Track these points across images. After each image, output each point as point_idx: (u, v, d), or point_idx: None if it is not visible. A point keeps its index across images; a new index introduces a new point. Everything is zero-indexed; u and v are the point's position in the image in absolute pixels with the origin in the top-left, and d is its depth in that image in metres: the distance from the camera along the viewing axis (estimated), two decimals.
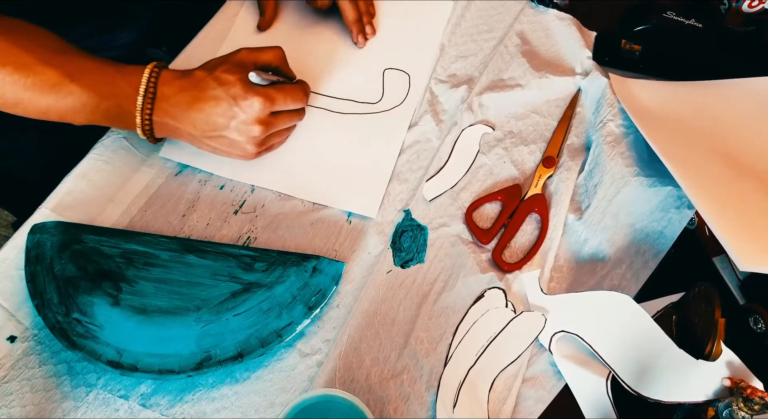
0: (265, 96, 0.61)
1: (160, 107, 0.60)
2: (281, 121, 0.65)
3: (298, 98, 0.65)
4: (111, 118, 0.60)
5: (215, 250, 0.62)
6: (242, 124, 0.61)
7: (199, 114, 0.60)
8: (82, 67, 0.58)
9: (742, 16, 0.77)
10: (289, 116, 0.66)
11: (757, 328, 0.60)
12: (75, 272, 0.59)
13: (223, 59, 0.63)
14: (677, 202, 0.65)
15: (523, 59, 0.76)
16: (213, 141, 0.62)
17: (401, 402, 0.58)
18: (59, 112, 0.58)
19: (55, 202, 0.65)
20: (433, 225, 0.66)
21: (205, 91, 0.60)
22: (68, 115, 0.59)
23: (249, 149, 0.63)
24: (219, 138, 0.62)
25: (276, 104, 0.62)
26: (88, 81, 0.58)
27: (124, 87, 0.59)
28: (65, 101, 0.57)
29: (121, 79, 0.59)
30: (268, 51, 0.65)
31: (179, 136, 0.63)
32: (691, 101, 0.72)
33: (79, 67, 0.58)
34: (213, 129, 0.61)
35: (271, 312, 0.59)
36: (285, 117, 0.65)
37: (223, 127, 0.61)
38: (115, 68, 0.59)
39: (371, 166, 0.70)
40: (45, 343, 0.58)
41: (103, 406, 0.56)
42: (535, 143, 0.72)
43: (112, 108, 0.59)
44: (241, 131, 0.61)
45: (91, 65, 0.59)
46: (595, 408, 0.57)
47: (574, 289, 0.63)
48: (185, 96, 0.60)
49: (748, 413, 0.50)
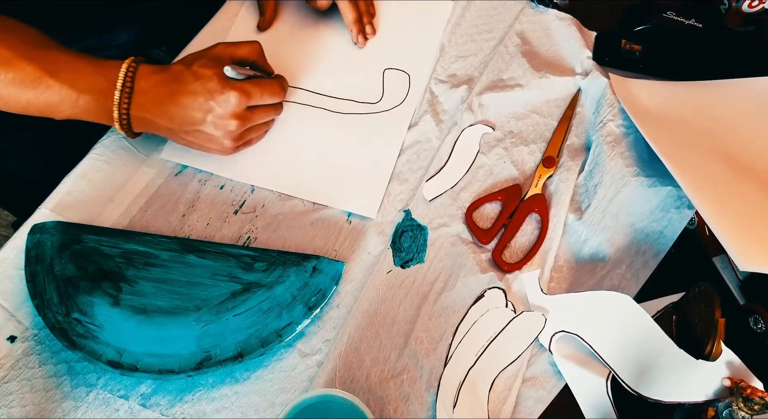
0: (241, 90, 0.61)
1: (137, 101, 0.60)
2: (258, 115, 0.65)
3: (275, 93, 0.65)
4: (90, 112, 0.60)
5: (215, 250, 0.62)
6: (219, 118, 0.61)
7: (176, 108, 0.60)
8: (61, 62, 0.58)
9: (742, 16, 0.77)
10: (266, 111, 0.66)
11: (757, 328, 0.60)
12: (75, 272, 0.59)
13: (201, 54, 0.63)
14: (677, 202, 0.65)
15: (523, 59, 0.76)
16: (190, 135, 0.63)
17: (401, 402, 0.58)
18: (39, 107, 0.59)
19: (55, 202, 0.65)
20: (433, 225, 0.66)
21: (182, 85, 0.60)
22: (48, 110, 0.59)
23: (226, 144, 0.64)
24: (196, 132, 0.62)
25: (252, 98, 0.62)
26: (67, 76, 0.58)
27: (102, 81, 0.59)
28: (44, 96, 0.58)
29: (99, 73, 0.59)
30: (245, 45, 0.66)
31: (157, 130, 0.63)
32: (691, 101, 0.72)
33: (58, 62, 0.58)
34: (190, 123, 0.61)
35: (271, 312, 0.59)
36: (262, 111, 0.65)
37: (199, 121, 0.61)
38: (94, 63, 0.60)
39: (371, 166, 0.70)
40: (45, 343, 0.58)
41: (103, 406, 0.56)
42: (535, 143, 0.72)
43: (90, 102, 0.59)
44: (218, 125, 0.62)
45: (70, 60, 0.59)
46: (595, 408, 0.57)
47: (574, 289, 0.63)
48: (162, 90, 0.60)
49: (748, 413, 0.50)
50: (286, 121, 0.72)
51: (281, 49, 0.77)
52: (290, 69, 0.75)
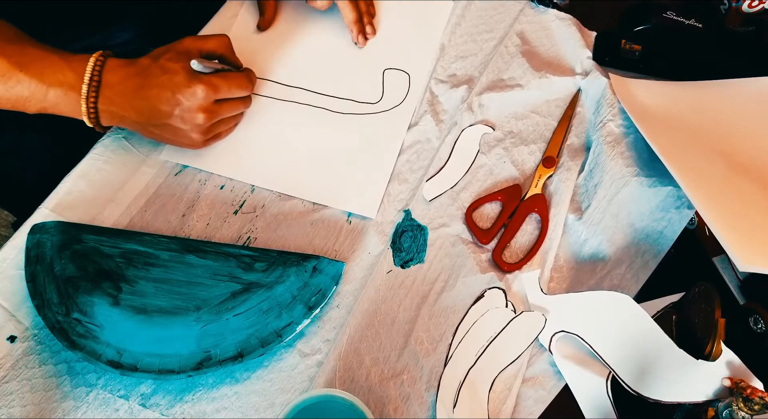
0: (208, 84, 0.61)
1: (104, 95, 0.60)
2: (226, 109, 0.65)
3: (243, 86, 0.65)
4: (58, 105, 0.60)
5: (215, 250, 0.62)
6: (186, 112, 0.61)
7: (143, 102, 0.60)
8: (31, 56, 0.59)
9: (742, 16, 0.77)
10: (234, 104, 0.66)
11: (757, 328, 0.59)
12: (75, 272, 0.59)
13: (169, 47, 0.63)
14: (677, 202, 0.65)
15: (523, 59, 0.76)
16: (158, 129, 0.63)
17: (401, 402, 0.58)
18: (10, 101, 0.59)
19: (55, 202, 0.65)
20: (433, 225, 0.66)
21: (150, 79, 0.60)
22: (19, 104, 0.59)
23: (195, 137, 0.64)
24: (164, 126, 0.62)
25: (220, 92, 0.62)
26: (36, 70, 0.58)
27: (70, 75, 0.59)
28: (15, 90, 0.58)
29: (67, 67, 0.59)
30: (212, 39, 0.66)
31: (125, 124, 0.63)
32: (691, 101, 0.72)
33: (28, 56, 0.58)
34: (157, 117, 0.61)
35: (271, 312, 0.59)
36: (230, 105, 0.65)
37: (167, 115, 0.61)
38: (63, 56, 0.60)
39: (371, 166, 0.70)
40: (45, 343, 0.58)
41: (103, 406, 0.56)
42: (535, 143, 0.72)
43: (60, 96, 0.59)
44: (185, 119, 0.62)
45: (40, 54, 0.59)
46: (595, 408, 0.57)
47: (574, 289, 0.63)
48: (130, 84, 0.60)
49: (748, 413, 0.50)
50: (287, 120, 0.72)
51: (281, 49, 0.77)
52: (290, 69, 0.75)
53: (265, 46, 0.77)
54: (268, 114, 0.72)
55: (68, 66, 0.59)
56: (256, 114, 0.72)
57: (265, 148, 0.70)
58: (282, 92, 0.74)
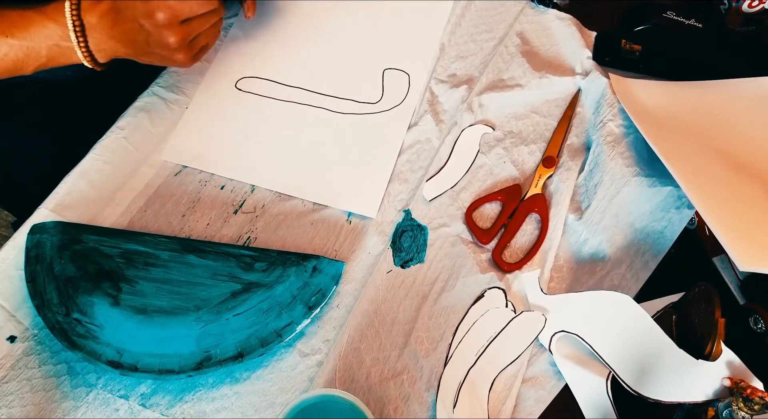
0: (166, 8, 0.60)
1: (92, 37, 0.61)
2: (196, 25, 0.63)
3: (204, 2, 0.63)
4: (56, 59, 0.61)
5: (215, 250, 0.62)
6: (156, 38, 0.61)
7: (123, 36, 0.61)
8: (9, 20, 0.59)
9: (742, 16, 0.77)
10: (205, 18, 0.64)
11: (757, 328, 0.60)
12: (75, 272, 0.59)
13: None
14: (677, 202, 0.65)
15: (523, 59, 0.76)
16: (147, 56, 0.63)
17: (401, 402, 0.58)
18: (8, 68, 0.60)
19: (55, 202, 0.65)
20: (433, 225, 0.66)
21: (120, 13, 0.61)
22: (18, 68, 0.60)
23: (179, 58, 0.64)
24: (149, 54, 0.63)
25: (181, 13, 0.61)
26: (21, 32, 0.59)
27: (54, 28, 0.60)
28: (9, 56, 0.59)
29: (48, 20, 0.60)
30: None
31: (120, 56, 0.64)
32: (691, 101, 0.72)
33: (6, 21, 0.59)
34: (140, 47, 0.62)
35: (271, 312, 0.59)
36: (201, 20, 0.64)
37: (144, 43, 0.62)
38: (39, 11, 0.60)
39: (371, 166, 0.70)
40: (45, 343, 0.58)
41: (103, 406, 0.56)
42: (535, 143, 0.72)
43: (53, 49, 0.60)
44: (161, 44, 0.62)
45: (15, 16, 0.60)
46: (595, 408, 0.57)
47: (574, 289, 0.63)
48: (107, 22, 0.61)
49: (748, 413, 0.50)
50: (287, 120, 0.72)
51: (281, 49, 0.77)
52: (290, 69, 0.75)
53: (266, 47, 0.77)
54: (268, 114, 0.72)
55: (48, 19, 0.60)
56: (257, 114, 0.72)
57: (265, 148, 0.70)
58: (282, 92, 0.74)
